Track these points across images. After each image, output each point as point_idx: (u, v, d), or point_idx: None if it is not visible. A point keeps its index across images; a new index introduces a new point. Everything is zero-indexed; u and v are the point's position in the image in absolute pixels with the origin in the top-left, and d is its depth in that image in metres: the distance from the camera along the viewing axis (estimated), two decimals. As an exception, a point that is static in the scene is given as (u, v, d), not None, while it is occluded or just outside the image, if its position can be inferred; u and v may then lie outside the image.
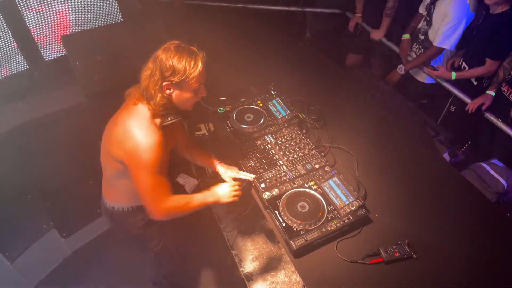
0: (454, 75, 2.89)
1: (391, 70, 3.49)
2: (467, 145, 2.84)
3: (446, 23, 2.87)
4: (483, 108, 2.71)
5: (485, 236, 1.94)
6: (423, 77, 3.29)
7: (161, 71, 1.53)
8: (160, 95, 1.56)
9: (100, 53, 2.76)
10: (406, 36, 3.32)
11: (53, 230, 2.99)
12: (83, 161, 3.07)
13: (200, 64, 1.55)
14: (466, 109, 2.78)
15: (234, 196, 1.93)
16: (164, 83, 1.55)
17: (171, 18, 3.59)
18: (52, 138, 2.88)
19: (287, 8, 4.11)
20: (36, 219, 2.97)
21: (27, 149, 2.84)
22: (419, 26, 3.23)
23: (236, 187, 1.96)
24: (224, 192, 1.92)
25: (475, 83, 2.96)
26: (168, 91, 1.58)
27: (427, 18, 3.09)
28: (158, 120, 1.64)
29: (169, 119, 1.64)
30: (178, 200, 1.74)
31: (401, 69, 3.23)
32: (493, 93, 2.68)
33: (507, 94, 2.64)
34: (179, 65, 1.51)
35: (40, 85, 3.15)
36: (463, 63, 2.99)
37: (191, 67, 1.52)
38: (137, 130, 1.56)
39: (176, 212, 1.74)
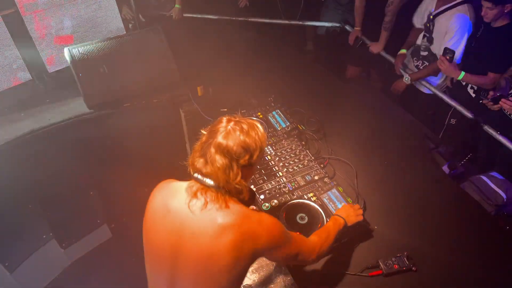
0: (462, 74, 2.87)
1: (391, 82, 3.52)
2: (467, 158, 2.83)
3: (449, 39, 2.89)
4: None
5: (484, 248, 1.94)
6: (426, 89, 3.31)
7: (237, 160, 1.32)
8: (243, 182, 1.37)
9: (103, 65, 2.80)
10: (402, 51, 3.37)
11: (52, 240, 2.99)
12: (84, 172, 3.08)
13: (264, 132, 1.42)
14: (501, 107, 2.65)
15: (358, 215, 1.84)
16: (243, 168, 1.35)
17: (173, 31, 3.65)
18: (54, 148, 2.90)
19: (287, 22, 4.16)
20: (36, 229, 2.98)
21: (28, 159, 2.86)
22: (419, 42, 3.26)
23: (356, 205, 1.91)
24: (348, 213, 1.81)
25: (473, 95, 2.98)
26: (243, 174, 1.38)
27: (427, 35, 3.12)
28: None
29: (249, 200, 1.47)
30: (318, 238, 1.61)
31: (407, 79, 3.23)
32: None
33: (508, 114, 2.63)
34: (252, 144, 1.34)
35: (43, 96, 3.18)
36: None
37: (262, 141, 1.39)
38: (257, 221, 1.35)
39: (324, 250, 1.61)
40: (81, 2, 3.24)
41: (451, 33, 2.89)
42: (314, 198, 2.04)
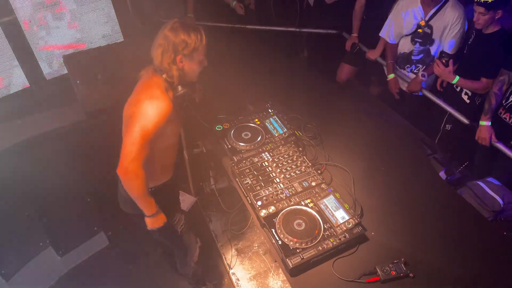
0: (457, 78, 2.90)
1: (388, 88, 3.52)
2: (464, 165, 2.83)
3: (454, 32, 2.97)
4: (493, 139, 2.68)
5: (482, 254, 1.93)
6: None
7: (174, 46, 1.73)
8: (174, 67, 1.77)
9: (100, 72, 2.81)
10: (391, 76, 3.41)
11: (49, 248, 2.97)
12: (81, 179, 3.08)
13: (204, 35, 1.79)
14: (484, 143, 2.73)
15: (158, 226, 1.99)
16: (178, 56, 1.76)
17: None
18: (51, 155, 2.89)
19: (284, 29, 4.19)
20: (33, 237, 2.96)
21: (25, 166, 2.85)
22: (405, 50, 3.28)
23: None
24: (151, 220, 1.97)
25: (467, 101, 3.00)
26: (180, 64, 1.79)
27: (419, 40, 3.15)
28: (170, 94, 1.82)
29: (180, 89, 1.85)
30: (141, 178, 1.77)
31: (424, 75, 3.19)
32: (489, 123, 2.68)
33: (509, 121, 2.64)
34: (189, 39, 1.73)
35: (40, 103, 3.19)
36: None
37: (199, 39, 1.76)
38: (149, 93, 1.75)
39: (132, 183, 1.77)
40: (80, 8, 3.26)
41: (454, 24, 2.95)
42: (311, 204, 2.04)
